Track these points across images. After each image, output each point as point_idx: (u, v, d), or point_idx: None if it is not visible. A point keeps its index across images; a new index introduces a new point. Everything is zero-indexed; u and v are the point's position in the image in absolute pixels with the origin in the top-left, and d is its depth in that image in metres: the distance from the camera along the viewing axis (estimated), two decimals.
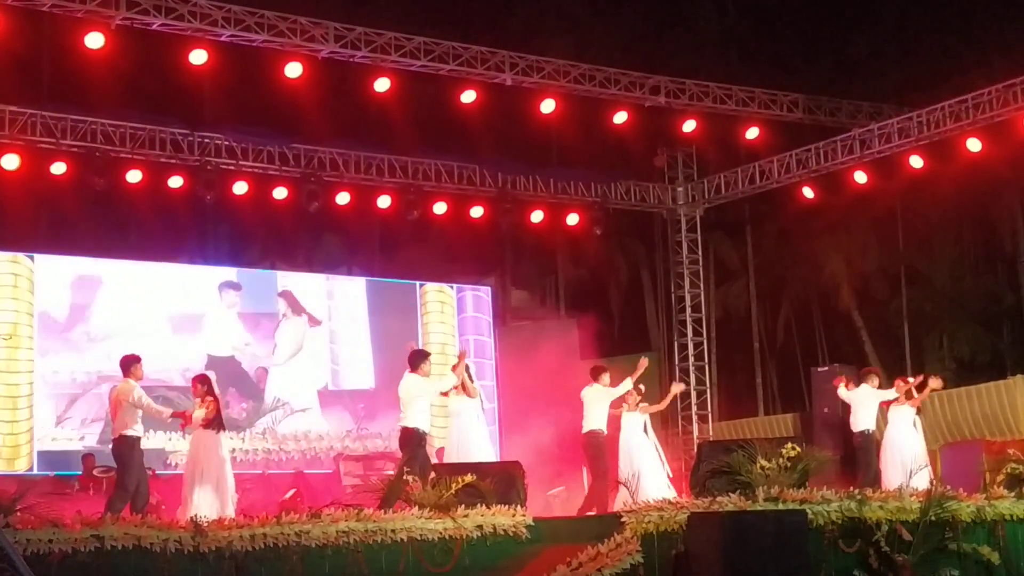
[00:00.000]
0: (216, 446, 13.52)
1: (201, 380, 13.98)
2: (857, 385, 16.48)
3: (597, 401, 14.87)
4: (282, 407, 20.37)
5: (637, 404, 15.19)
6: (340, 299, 21.48)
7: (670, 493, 13.82)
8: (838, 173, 20.91)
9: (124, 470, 13.05)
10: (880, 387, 16.44)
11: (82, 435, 18.56)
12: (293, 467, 19.71)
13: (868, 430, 16.10)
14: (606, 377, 15.02)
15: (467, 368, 14.67)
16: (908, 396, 16.22)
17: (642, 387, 15.52)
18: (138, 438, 13.17)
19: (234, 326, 20.37)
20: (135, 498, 12.86)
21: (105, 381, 18.80)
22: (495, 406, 21.35)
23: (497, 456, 17.22)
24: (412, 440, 13.17)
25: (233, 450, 19.26)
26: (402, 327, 21.44)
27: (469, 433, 14.30)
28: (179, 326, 19.81)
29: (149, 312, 19.59)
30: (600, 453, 14.80)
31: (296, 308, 20.82)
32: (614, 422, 15.19)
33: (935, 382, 16.51)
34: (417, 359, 13.70)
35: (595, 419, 14.85)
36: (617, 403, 15.06)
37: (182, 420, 13.68)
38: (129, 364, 13.46)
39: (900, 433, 15.99)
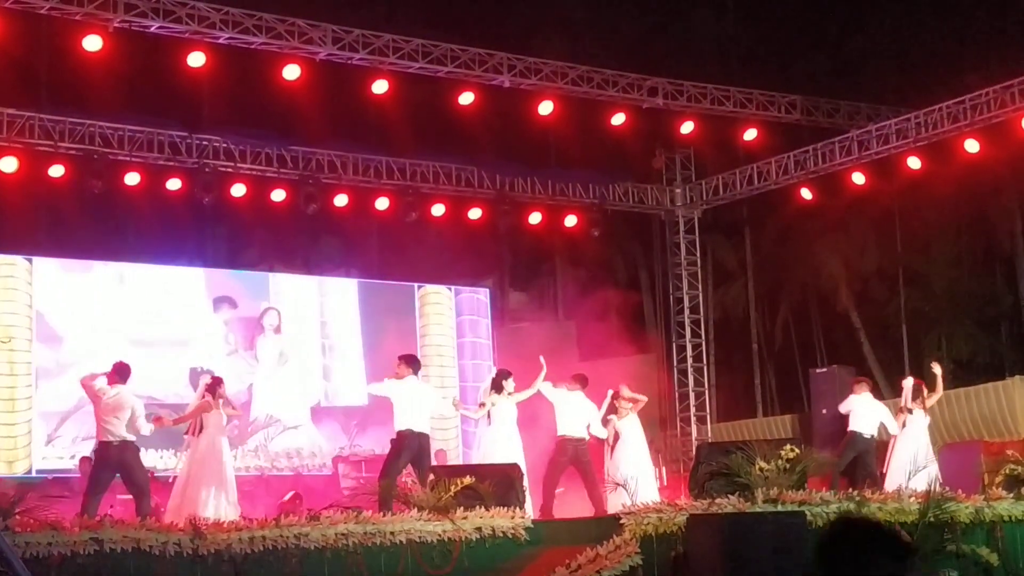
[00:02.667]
0: (224, 450, 13.63)
1: (217, 382, 14.02)
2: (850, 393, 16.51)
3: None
4: (274, 424, 20.30)
5: (629, 409, 15.35)
6: (333, 314, 21.35)
7: (655, 495, 13.90)
8: (836, 174, 20.91)
9: (137, 472, 13.01)
10: (871, 391, 16.45)
11: (72, 454, 18.25)
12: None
13: (862, 434, 15.98)
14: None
15: (505, 375, 14.80)
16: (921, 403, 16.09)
17: (625, 391, 15.60)
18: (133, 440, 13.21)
19: (222, 342, 20.31)
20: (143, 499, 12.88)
21: None
22: None
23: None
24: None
25: None
26: (400, 329, 21.42)
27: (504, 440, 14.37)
28: (175, 339, 19.80)
29: (147, 321, 19.55)
30: (579, 458, 14.94)
31: (277, 328, 20.72)
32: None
33: (936, 368, 16.42)
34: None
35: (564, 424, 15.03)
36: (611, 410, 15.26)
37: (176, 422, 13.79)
38: (130, 371, 13.51)
39: (908, 435, 15.90)
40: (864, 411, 16.02)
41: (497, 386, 14.72)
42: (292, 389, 20.67)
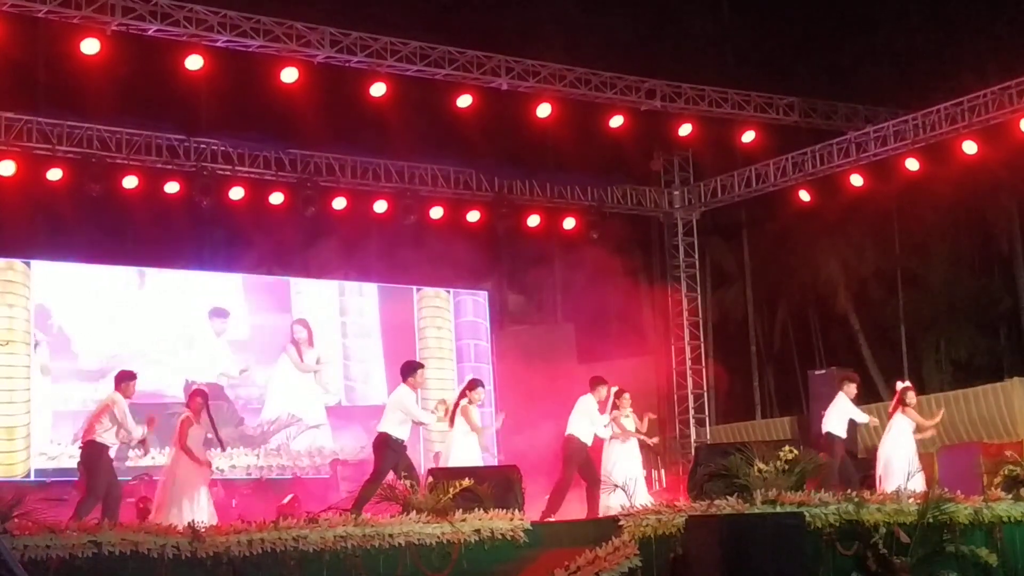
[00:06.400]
0: (197, 467, 13.67)
1: (200, 395, 14.09)
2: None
3: (582, 413, 15.06)
4: (295, 423, 20.35)
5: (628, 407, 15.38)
6: (353, 315, 21.47)
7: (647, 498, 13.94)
8: (834, 176, 20.93)
9: (92, 475, 13.16)
10: (856, 395, 16.37)
11: None
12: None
13: (831, 432, 15.86)
14: (602, 390, 15.22)
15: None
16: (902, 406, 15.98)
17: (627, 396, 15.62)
18: (107, 446, 13.28)
19: (222, 353, 20.34)
20: (107, 503, 12.92)
21: None
22: (492, 410, 21.33)
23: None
24: (381, 445, 13.54)
25: (248, 467, 19.39)
26: (399, 332, 21.48)
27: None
28: (181, 339, 19.83)
29: (151, 325, 19.59)
30: (571, 458, 14.97)
31: (311, 340, 20.84)
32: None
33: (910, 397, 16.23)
34: (407, 370, 13.99)
35: (576, 426, 15.04)
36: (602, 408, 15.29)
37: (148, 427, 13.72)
38: (122, 380, 13.63)
39: (898, 440, 15.85)
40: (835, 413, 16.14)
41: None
42: (313, 390, 20.75)
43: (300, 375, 20.76)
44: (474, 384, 14.90)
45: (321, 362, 21.02)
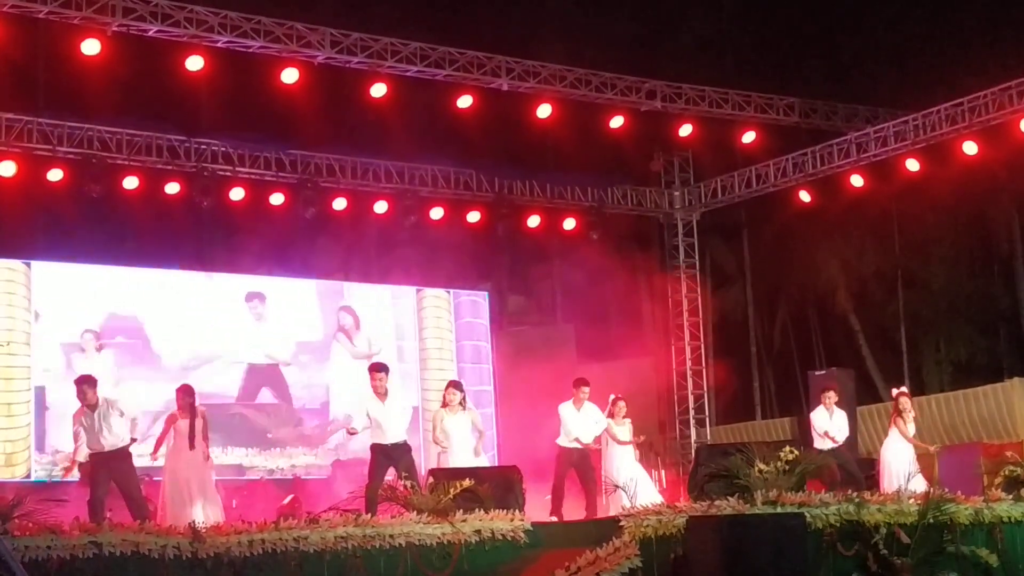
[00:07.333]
0: (194, 461, 13.67)
1: (183, 391, 14.06)
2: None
3: (562, 421, 15.17)
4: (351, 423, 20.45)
5: (624, 416, 15.42)
6: (401, 316, 21.64)
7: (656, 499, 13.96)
8: (834, 177, 20.93)
9: (90, 487, 13.12)
10: (838, 403, 16.36)
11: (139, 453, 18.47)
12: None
13: (817, 450, 15.83)
14: (585, 389, 15.30)
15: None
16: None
17: (622, 404, 15.65)
18: (92, 453, 13.09)
19: (266, 338, 20.49)
20: (132, 507, 12.90)
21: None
22: (493, 411, 21.35)
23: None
24: (370, 453, 13.82)
25: (307, 465, 19.42)
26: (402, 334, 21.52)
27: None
28: (191, 341, 19.89)
29: (161, 327, 19.67)
30: (558, 466, 15.10)
31: (357, 324, 20.95)
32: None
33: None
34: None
35: (562, 436, 15.11)
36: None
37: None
38: (78, 385, 13.25)
39: (895, 446, 15.89)
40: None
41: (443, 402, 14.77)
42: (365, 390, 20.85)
43: (356, 366, 20.72)
44: (448, 385, 14.92)
45: (372, 346, 20.97)
